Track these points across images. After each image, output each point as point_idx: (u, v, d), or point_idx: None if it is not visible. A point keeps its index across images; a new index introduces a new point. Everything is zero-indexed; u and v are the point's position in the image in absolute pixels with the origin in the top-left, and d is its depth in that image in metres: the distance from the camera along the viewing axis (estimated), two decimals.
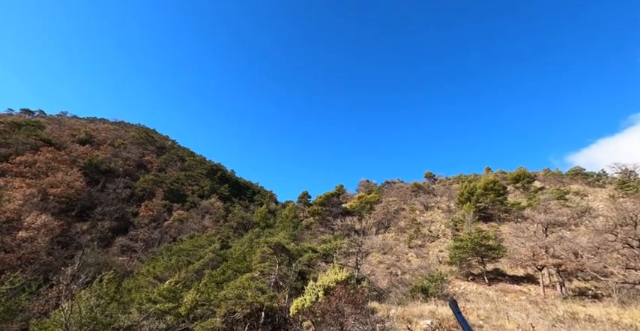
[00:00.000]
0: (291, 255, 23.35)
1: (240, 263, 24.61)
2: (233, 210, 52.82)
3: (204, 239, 32.70)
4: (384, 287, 23.63)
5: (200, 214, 48.47)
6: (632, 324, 11.69)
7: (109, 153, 56.06)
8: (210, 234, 37.53)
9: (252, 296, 17.17)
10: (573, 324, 12.59)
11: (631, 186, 34.86)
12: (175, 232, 40.76)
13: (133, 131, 75.87)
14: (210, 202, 53.47)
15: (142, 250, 34.36)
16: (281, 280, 21.19)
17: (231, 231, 42.04)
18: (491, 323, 14.38)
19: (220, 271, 22.71)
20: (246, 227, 44.57)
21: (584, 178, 46.16)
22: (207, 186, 62.85)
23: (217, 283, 20.50)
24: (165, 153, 71.98)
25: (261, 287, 18.40)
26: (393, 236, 38.47)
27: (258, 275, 21.72)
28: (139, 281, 19.80)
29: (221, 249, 29.04)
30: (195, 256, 25.98)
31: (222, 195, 62.26)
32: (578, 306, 15.62)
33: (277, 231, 37.74)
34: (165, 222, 43.70)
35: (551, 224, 25.60)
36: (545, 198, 37.13)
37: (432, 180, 62.30)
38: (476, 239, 23.95)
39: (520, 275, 24.18)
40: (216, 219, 47.79)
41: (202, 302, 17.67)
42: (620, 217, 16.04)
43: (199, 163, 75.51)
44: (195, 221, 44.66)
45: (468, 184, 41.90)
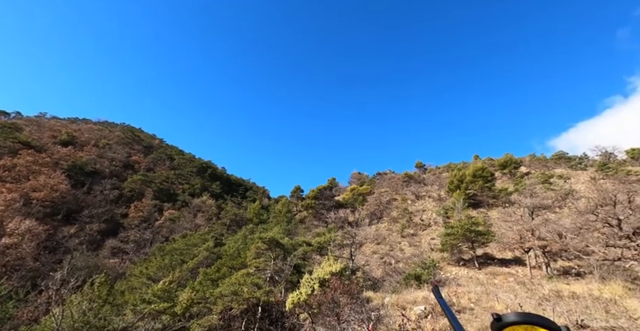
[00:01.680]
0: (286, 250, 23.44)
1: (235, 260, 24.58)
2: (225, 207, 52.43)
3: (197, 237, 32.43)
4: (378, 276, 24.07)
5: (192, 213, 47.92)
6: (612, 298, 12.33)
7: (94, 154, 54.36)
8: (203, 232, 37.23)
9: (248, 291, 17.21)
10: (558, 302, 13.14)
11: (610, 168, 36.24)
12: (167, 232, 40.25)
13: (118, 131, 73.65)
14: (202, 200, 52.88)
15: (134, 251, 33.85)
16: (276, 275, 21.32)
17: (224, 228, 41.81)
18: (481, 306, 14.88)
19: (215, 269, 22.63)
20: (239, 224, 44.39)
21: (567, 162, 47.70)
22: (198, 184, 62.02)
23: (212, 281, 20.44)
24: (152, 152, 70.36)
25: (257, 283, 18.47)
26: (385, 226, 39.04)
27: (253, 271, 21.76)
28: (132, 283, 19.54)
29: (215, 247, 28.89)
30: (189, 255, 25.77)
31: (213, 192, 61.61)
32: (562, 284, 16.33)
33: (271, 227, 37.76)
34: (157, 222, 43.05)
35: (536, 207, 26.46)
36: (530, 183, 38.23)
37: (423, 169, 63.17)
38: (466, 225, 24.55)
39: (508, 258, 25.01)
40: (208, 217, 47.39)
41: (198, 301, 17.61)
42: (600, 198, 16.67)
43: (189, 161, 74.25)
44: (188, 220, 44.16)
45: (457, 172, 42.66)
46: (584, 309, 11.78)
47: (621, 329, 9.16)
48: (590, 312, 11.14)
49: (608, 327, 9.46)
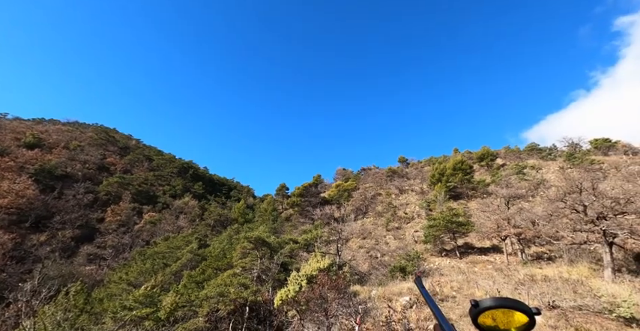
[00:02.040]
0: (273, 248, 23.31)
1: (221, 261, 24.13)
2: (209, 207, 51.20)
3: (180, 240, 31.49)
4: (365, 270, 24.48)
5: (174, 215, 46.41)
6: (579, 279, 13.26)
7: (64, 157, 51.16)
8: (186, 234, 36.19)
9: (235, 292, 16.99)
10: (532, 285, 13.95)
11: (577, 158, 38.73)
12: (148, 235, 38.75)
13: (90, 131, 69.68)
14: (184, 201, 51.32)
15: (112, 257, 32.33)
16: (264, 274, 21.17)
17: (208, 229, 40.87)
18: (462, 293, 15.53)
19: (200, 271, 22.12)
20: (224, 224, 43.54)
21: (539, 153, 50.47)
22: (180, 185, 60.09)
23: (197, 283, 19.97)
24: (129, 153, 67.25)
25: (244, 283, 18.26)
26: (371, 221, 39.67)
27: (239, 271, 21.48)
28: (112, 290, 18.71)
29: (199, 249, 28.19)
30: (172, 258, 25.00)
31: (196, 193, 59.93)
32: (535, 269, 17.35)
33: (257, 226, 37.32)
34: (136, 226, 41.32)
35: (512, 197, 27.79)
36: (506, 174, 40.11)
37: (406, 164, 64.61)
38: (447, 217, 25.38)
39: (487, 247, 26.16)
40: (191, 218, 46.10)
41: (183, 304, 17.17)
42: (568, 186, 17.76)
43: (169, 162, 71.67)
44: (169, 222, 42.73)
45: (438, 166, 43.97)
46: (555, 291, 12.58)
47: (587, 307, 9.89)
48: (561, 293, 11.91)
49: (575, 306, 10.19)
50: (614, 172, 30.94)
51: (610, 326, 9.04)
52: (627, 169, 30.98)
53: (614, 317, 9.21)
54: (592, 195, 16.36)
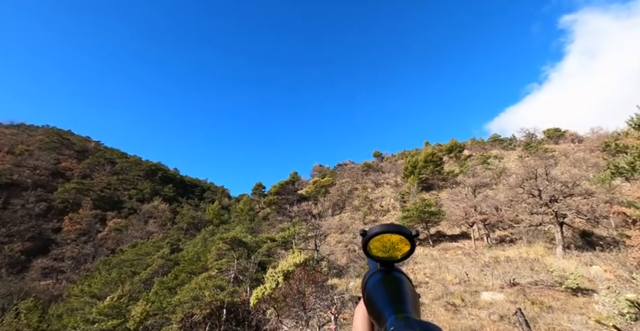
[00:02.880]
0: (250, 248, 22.83)
1: (195, 265, 23.21)
2: (181, 210, 48.91)
3: (150, 246, 29.77)
4: (343, 264, 24.76)
5: (142, 220, 43.71)
6: (535, 258, 14.45)
7: (9, 163, 45.98)
8: (156, 239, 34.28)
9: (211, 295, 16.44)
10: (496, 266, 14.97)
11: (533, 147, 42.10)
12: (113, 243, 36.15)
13: (40, 134, 63.22)
14: (153, 205, 48.53)
15: (72, 269, 29.68)
16: (241, 274, 20.70)
17: (181, 233, 39.03)
18: (435, 278, 16.26)
19: (172, 276, 21.10)
20: (198, 227, 41.83)
21: (500, 143, 54.16)
22: (148, 189, 56.67)
23: (170, 289, 19.03)
24: (88, 156, 62.04)
25: (220, 285, 17.72)
26: (348, 215, 40.25)
27: (215, 273, 20.80)
28: (72, 304, 17.22)
29: (171, 254, 26.86)
30: (141, 265, 23.57)
31: (166, 196, 56.89)
32: (499, 251, 18.62)
33: (233, 226, 36.33)
34: (99, 234, 38.35)
35: (478, 186, 29.55)
36: (472, 165, 42.56)
37: (380, 158, 66.23)
38: (420, 207, 26.38)
39: (457, 234, 27.61)
40: (162, 222, 43.73)
41: (154, 312, 16.29)
42: (525, 173, 19.20)
43: (134, 164, 67.25)
44: (137, 228, 40.19)
45: (410, 159, 45.55)
46: (515, 270, 13.59)
47: (542, 281, 10.81)
48: (520, 272, 12.90)
49: (532, 282, 11.09)
50: (563, 159, 34.05)
51: (560, 297, 9.95)
52: (574, 156, 34.26)
53: (564, 289, 10.14)
54: (545, 181, 17.84)
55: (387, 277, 0.61)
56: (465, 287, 13.12)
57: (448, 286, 13.59)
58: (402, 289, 0.57)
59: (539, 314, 9.11)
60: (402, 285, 0.58)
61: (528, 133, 49.13)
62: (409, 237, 0.61)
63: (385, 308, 0.51)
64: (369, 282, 0.62)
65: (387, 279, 0.60)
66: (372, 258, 0.65)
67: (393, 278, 0.60)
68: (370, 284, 0.60)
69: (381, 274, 0.62)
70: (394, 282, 0.59)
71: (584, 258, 14.02)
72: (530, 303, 9.83)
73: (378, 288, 0.58)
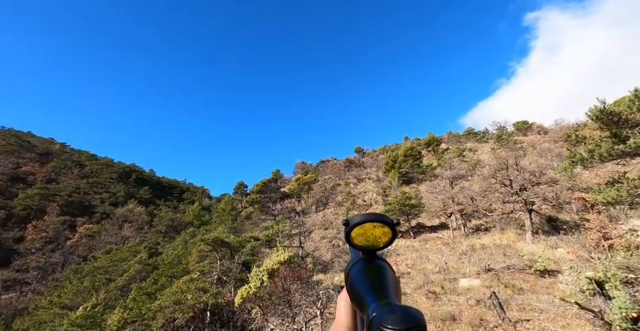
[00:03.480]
0: (233, 248, 22.44)
1: (175, 268, 22.47)
2: (159, 213, 46.97)
3: (126, 251, 28.38)
4: (328, 259, 24.96)
5: (116, 224, 41.50)
6: (508, 244, 15.34)
7: None
8: (133, 244, 32.71)
9: (193, 298, 16.04)
10: (472, 254, 15.72)
11: (504, 139, 44.45)
12: (85, 250, 34.05)
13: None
14: (128, 209, 46.19)
15: (38, 280, 27.59)
16: (224, 275, 20.33)
17: (159, 236, 37.54)
18: (416, 268, 16.82)
19: (151, 281, 20.29)
20: (177, 229, 40.39)
21: (475, 136, 56.70)
22: (121, 192, 53.82)
23: (149, 294, 18.29)
24: (52, 159, 57.75)
25: (203, 287, 17.31)
26: (332, 211, 40.55)
27: (197, 275, 20.29)
28: (40, 317, 16.08)
29: (150, 258, 25.78)
30: (117, 272, 22.44)
31: (142, 198, 54.35)
32: (475, 240, 19.56)
33: (215, 227, 35.46)
34: (69, 241, 35.94)
35: (455, 178, 30.74)
36: (449, 157, 44.22)
37: (362, 153, 67.12)
38: (401, 200, 27.07)
39: (436, 225, 28.66)
40: (138, 226, 41.77)
41: (132, 319, 15.62)
42: (497, 164, 20.22)
43: (105, 167, 63.53)
44: (111, 233, 38.12)
45: (391, 154, 46.52)
46: (490, 256, 14.34)
47: (513, 266, 11.52)
48: (494, 258, 13.63)
49: (505, 267, 11.78)
50: (531, 150, 36.25)
51: (529, 279, 10.65)
52: (540, 147, 36.59)
53: (533, 272, 10.86)
54: (515, 171, 18.90)
55: (370, 265, 0.61)
56: (445, 275, 13.68)
57: (429, 275, 14.11)
58: (384, 276, 0.57)
59: (511, 296, 9.70)
60: (384, 272, 0.59)
61: (499, 126, 51.77)
62: (390, 226, 0.62)
63: (367, 295, 0.51)
64: (351, 271, 0.62)
65: (369, 267, 0.61)
66: (354, 247, 0.66)
67: (375, 266, 0.61)
68: (353, 273, 0.61)
69: (363, 262, 0.63)
70: (376, 270, 0.60)
71: (550, 242, 15.07)
72: (503, 287, 10.42)
73: (361, 276, 0.59)
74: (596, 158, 6.90)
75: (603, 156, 6.80)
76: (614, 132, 7.08)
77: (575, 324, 6.84)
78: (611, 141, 7.17)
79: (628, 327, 4.85)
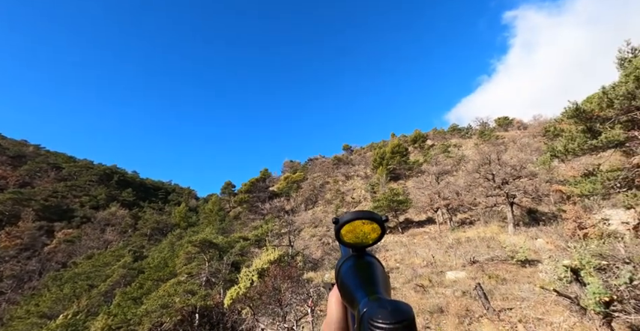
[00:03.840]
0: (221, 249, 22.14)
1: (162, 271, 21.93)
2: (143, 215, 45.57)
3: (109, 255, 27.41)
4: (318, 257, 25.02)
5: (98, 228, 39.95)
6: (491, 236, 15.86)
7: None
8: (116, 248, 31.62)
9: (181, 301, 15.74)
10: (458, 247, 16.17)
11: (486, 134, 45.83)
12: (64, 256, 32.58)
13: None
14: (111, 212, 44.56)
15: (13, 289, 26.15)
16: (213, 276, 20.04)
17: (144, 239, 36.45)
18: (404, 263, 17.12)
19: (137, 285, 19.71)
20: (163, 231, 39.35)
21: (459, 132, 58.15)
22: (103, 195, 51.82)
23: (134, 299, 17.77)
24: (26, 162, 54.81)
25: (191, 289, 17.01)
26: (321, 209, 40.62)
27: (185, 278, 19.93)
28: (15, 327, 15.30)
29: (134, 262, 25.02)
30: (100, 277, 21.65)
31: (125, 201, 52.56)
32: (461, 233, 20.11)
33: (202, 228, 34.80)
34: (46, 248, 34.26)
35: (440, 173, 31.43)
36: (435, 154, 45.15)
37: (350, 151, 67.49)
38: (389, 197, 27.43)
39: (423, 220, 29.26)
40: (122, 229, 40.39)
41: (117, 325, 15.16)
42: (481, 159, 20.82)
43: (85, 169, 60.93)
44: (93, 237, 36.67)
45: (378, 151, 47.00)
46: (474, 249, 14.79)
47: (497, 257, 11.93)
48: (479, 250, 14.06)
49: (489, 258, 12.19)
50: (512, 145, 37.59)
51: (512, 269, 11.07)
52: (520, 141, 38.01)
53: (515, 262, 11.30)
54: (498, 165, 19.53)
55: (360, 262, 0.63)
56: (432, 268, 14.00)
57: (417, 269, 14.40)
58: (373, 272, 0.59)
59: (495, 286, 10.04)
60: (373, 268, 0.60)
61: (482, 122, 53.31)
62: (379, 222, 0.63)
63: (358, 291, 0.52)
64: (342, 268, 0.63)
65: (359, 264, 0.62)
66: (344, 245, 0.67)
67: (365, 262, 0.62)
68: (343, 270, 0.62)
69: (353, 259, 0.64)
70: (366, 266, 0.61)
71: (530, 233, 15.70)
72: (487, 278, 10.78)
73: (351, 273, 0.60)
74: (571, 152, 7.22)
75: (577, 150, 7.13)
76: (589, 127, 7.42)
77: (554, 310, 7.17)
78: (584, 135, 7.50)
79: (601, 311, 5.12)
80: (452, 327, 7.46)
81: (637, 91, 6.38)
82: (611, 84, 6.82)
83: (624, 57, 6.80)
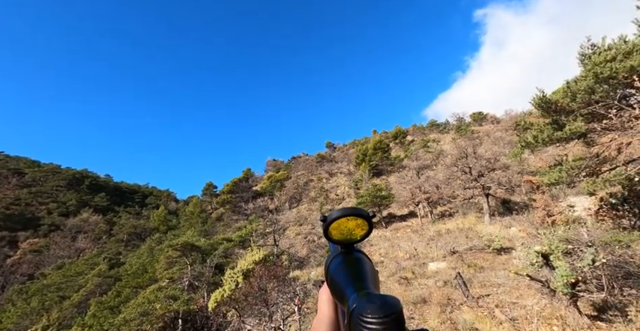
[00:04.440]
0: (204, 252, 21.61)
1: (141, 278, 21.05)
2: (119, 221, 43.34)
3: (81, 264, 25.86)
4: (304, 255, 25.00)
5: (69, 236, 37.52)
6: (469, 227, 16.54)
7: None
8: (90, 256, 29.86)
9: (162, 307, 15.18)
10: (439, 238, 16.73)
11: (462, 129, 47.64)
12: (30, 268, 30.31)
13: None
14: (82, 218, 42.00)
15: None
16: (196, 280, 19.54)
17: (121, 245, 34.70)
18: (389, 257, 17.48)
19: (113, 294, 18.77)
20: (141, 236, 37.65)
21: (437, 128, 60.02)
22: (73, 200, 48.72)
23: (111, 308, 16.93)
24: None
25: (173, 295, 16.44)
26: (306, 207, 40.58)
27: (166, 283, 19.27)
28: None
29: (110, 269, 23.78)
30: (72, 288, 20.40)
31: (98, 206, 49.74)
32: (441, 225, 20.81)
33: (184, 231, 33.68)
34: (9, 259, 31.72)
35: (421, 168, 32.32)
36: (415, 149, 46.34)
37: (333, 148, 67.74)
38: (372, 193, 27.87)
39: (405, 214, 30.00)
40: (95, 236, 38.19)
41: None
42: (458, 153, 21.59)
43: (51, 174, 56.93)
44: (63, 246, 34.40)
45: (361, 147, 47.54)
46: (454, 239, 15.35)
47: (475, 247, 12.46)
48: (458, 241, 14.61)
49: (468, 248, 12.70)
50: (486, 138, 39.34)
51: (488, 258, 11.60)
52: (494, 135, 39.87)
53: (491, 251, 11.85)
54: (474, 158, 20.35)
55: (348, 258, 0.63)
56: (415, 261, 14.38)
57: (400, 262, 14.73)
58: (362, 268, 0.59)
59: (474, 274, 10.47)
60: (362, 264, 0.61)
61: (458, 117, 55.34)
62: (366, 218, 0.64)
63: (347, 287, 0.53)
64: (331, 265, 0.64)
65: (347, 260, 0.62)
66: (333, 242, 0.67)
67: (353, 258, 0.63)
68: (332, 267, 0.63)
69: (342, 256, 0.64)
70: (355, 262, 0.62)
71: (504, 222, 16.52)
72: (467, 267, 11.22)
73: (340, 269, 0.60)
74: (540, 143, 7.63)
75: (545, 141, 7.53)
76: (555, 119, 7.85)
77: (527, 294, 7.59)
78: (551, 127, 7.93)
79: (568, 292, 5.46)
80: (434, 316, 7.70)
81: (596, 86, 6.80)
82: (574, 79, 7.24)
83: (585, 53, 7.20)
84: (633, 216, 8.73)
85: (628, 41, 6.53)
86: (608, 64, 6.19)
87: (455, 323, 6.99)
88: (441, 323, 7.25)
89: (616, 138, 6.70)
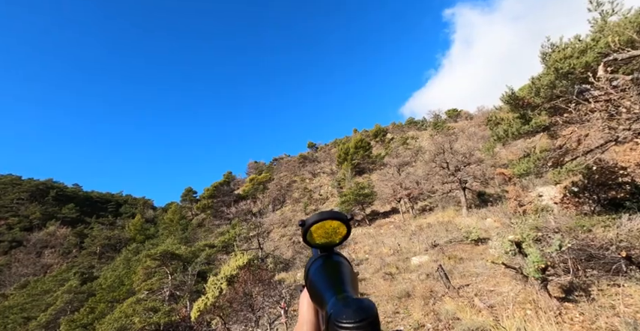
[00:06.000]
0: (185, 260, 20.83)
1: (117, 291, 19.91)
2: (91, 232, 40.70)
3: (49, 281, 24.01)
4: (289, 257, 24.76)
5: (33, 252, 34.71)
6: (449, 220, 17.13)
7: None
8: (58, 271, 27.77)
9: (141, 320, 14.44)
10: (420, 233, 17.16)
11: (439, 126, 49.39)
12: None
13: None
14: (48, 232, 39.02)
15: None
16: (177, 290, 18.81)
17: (93, 258, 32.61)
18: (373, 253, 17.69)
19: (87, 310, 17.60)
20: (116, 247, 35.61)
21: (415, 125, 61.83)
22: (37, 213, 45.16)
23: (85, 326, 15.88)
24: None
25: (153, 307, 15.69)
26: (289, 208, 40.27)
27: (145, 295, 18.37)
28: None
29: (82, 284, 22.27)
30: (38, 307, 18.88)
31: (66, 218, 46.46)
32: (422, 220, 21.39)
33: (163, 239, 32.30)
34: None
35: (401, 165, 33.09)
36: (395, 146, 47.40)
37: (315, 148, 67.78)
38: (355, 191, 28.14)
39: (388, 210, 30.58)
40: (64, 250, 35.60)
41: None
42: (436, 149, 22.30)
43: (10, 186, 52.47)
44: (27, 263, 31.76)
45: (342, 146, 47.90)
46: (435, 233, 15.81)
47: (454, 239, 12.92)
48: (438, 234, 15.07)
49: (448, 241, 13.14)
50: (462, 134, 40.98)
51: (467, 249, 12.06)
52: (468, 131, 41.65)
53: (469, 242, 12.33)
54: (451, 154, 21.10)
55: (327, 262, 0.63)
56: (398, 256, 14.65)
57: (385, 258, 14.95)
58: (340, 271, 0.59)
59: (454, 266, 10.83)
60: (341, 268, 0.61)
61: (435, 114, 57.24)
62: (344, 221, 0.65)
63: (326, 292, 0.53)
64: (310, 269, 0.64)
65: (326, 264, 0.62)
66: (312, 246, 0.67)
67: (332, 262, 0.63)
68: (312, 272, 0.62)
69: (321, 260, 0.64)
70: (333, 266, 0.61)
71: (480, 214, 17.26)
72: (447, 259, 11.59)
73: (319, 274, 0.60)
74: (510, 136, 8.03)
75: (514, 134, 7.94)
76: (522, 114, 8.27)
77: (503, 282, 7.95)
78: (519, 121, 8.35)
79: (539, 277, 5.77)
80: (418, 309, 7.85)
81: (556, 82, 7.24)
82: (538, 76, 7.67)
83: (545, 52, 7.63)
84: (593, 202, 9.42)
85: (582, 40, 7.03)
86: (567, 60, 6.62)
87: (438, 314, 7.17)
88: (425, 315, 7.41)
89: (575, 131, 7.17)
